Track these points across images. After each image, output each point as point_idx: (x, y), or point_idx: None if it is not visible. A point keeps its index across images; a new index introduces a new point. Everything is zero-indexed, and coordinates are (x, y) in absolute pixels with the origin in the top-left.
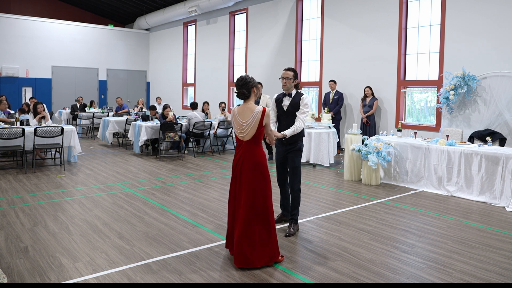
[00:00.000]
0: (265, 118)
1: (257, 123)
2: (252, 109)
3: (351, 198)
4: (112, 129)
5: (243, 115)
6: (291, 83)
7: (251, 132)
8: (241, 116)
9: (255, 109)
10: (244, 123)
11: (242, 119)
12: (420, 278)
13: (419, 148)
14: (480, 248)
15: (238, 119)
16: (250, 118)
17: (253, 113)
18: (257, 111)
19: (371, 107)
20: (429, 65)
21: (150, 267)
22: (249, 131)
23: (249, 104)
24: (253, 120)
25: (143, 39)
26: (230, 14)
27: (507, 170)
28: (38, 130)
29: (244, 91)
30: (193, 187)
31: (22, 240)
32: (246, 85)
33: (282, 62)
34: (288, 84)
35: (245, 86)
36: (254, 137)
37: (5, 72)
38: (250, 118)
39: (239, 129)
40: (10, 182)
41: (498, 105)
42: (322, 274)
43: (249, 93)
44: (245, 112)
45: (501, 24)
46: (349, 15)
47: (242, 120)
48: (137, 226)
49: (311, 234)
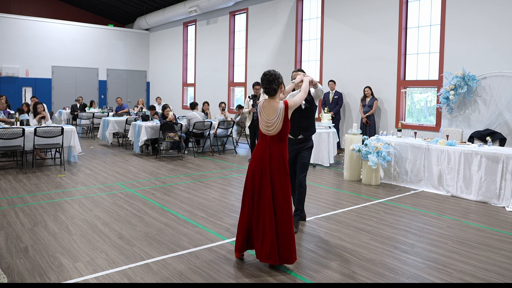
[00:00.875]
0: (288, 111)
1: (282, 119)
2: (275, 107)
3: (351, 198)
4: (112, 129)
5: (269, 113)
6: None
7: (277, 128)
8: (267, 113)
9: (277, 106)
10: (270, 121)
11: (268, 116)
12: (420, 278)
13: (419, 148)
14: (480, 248)
15: (264, 115)
16: (275, 117)
17: (277, 111)
18: (280, 108)
19: (371, 107)
20: (429, 65)
21: (150, 267)
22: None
23: (274, 101)
24: (278, 117)
25: (143, 39)
26: (230, 14)
27: (507, 170)
28: (38, 130)
29: (275, 86)
30: (193, 187)
31: (22, 240)
32: (277, 80)
33: (282, 62)
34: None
35: (275, 81)
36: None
37: (5, 72)
38: (275, 117)
39: (265, 126)
40: (10, 182)
41: (498, 105)
42: (322, 274)
43: (277, 89)
44: (270, 109)
45: (501, 24)
46: (349, 15)
47: (267, 117)
48: (137, 226)
49: (311, 234)
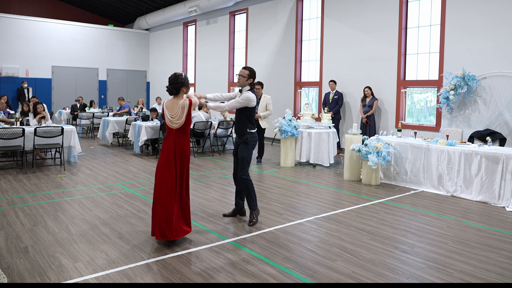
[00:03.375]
0: (191, 109)
1: (184, 115)
2: (178, 102)
3: (351, 198)
4: (112, 129)
5: (172, 109)
6: (244, 81)
7: (179, 122)
8: (170, 110)
9: (180, 101)
10: (173, 116)
11: (171, 112)
12: (420, 278)
13: (419, 148)
14: (480, 248)
15: (167, 112)
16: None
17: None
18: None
19: (371, 107)
20: (429, 65)
21: (150, 267)
22: (178, 122)
23: (177, 98)
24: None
25: (143, 39)
26: (230, 14)
27: (507, 170)
28: (38, 130)
29: (173, 89)
30: (193, 187)
31: (22, 240)
32: (177, 82)
33: (282, 62)
34: (241, 81)
35: (175, 83)
36: (182, 127)
37: (5, 72)
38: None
39: (169, 120)
40: (10, 182)
41: (498, 105)
42: (322, 274)
43: (177, 92)
44: (173, 106)
45: (501, 24)
46: (349, 15)
47: (171, 113)
48: (137, 226)
49: (311, 234)
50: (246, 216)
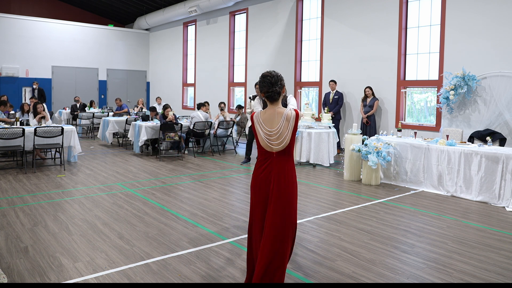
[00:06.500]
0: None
1: (291, 130)
2: (281, 113)
3: (351, 198)
4: (112, 129)
5: (271, 123)
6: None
7: (284, 142)
8: (268, 125)
9: (284, 112)
10: (272, 131)
11: (269, 128)
12: (420, 278)
13: (419, 148)
14: (480, 248)
15: (265, 127)
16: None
17: (282, 117)
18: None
19: (372, 107)
20: (429, 65)
21: (150, 267)
22: (281, 140)
23: (277, 107)
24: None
25: (143, 39)
26: (230, 14)
27: (507, 170)
28: (38, 130)
29: (278, 89)
30: (193, 187)
31: (22, 240)
32: (280, 81)
33: (282, 62)
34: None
35: (278, 83)
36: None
37: (5, 72)
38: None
39: (267, 140)
40: (10, 182)
41: (498, 105)
42: (322, 274)
43: (281, 92)
44: (274, 118)
45: (501, 24)
46: (349, 15)
47: (269, 129)
48: (137, 226)
49: (311, 234)
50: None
